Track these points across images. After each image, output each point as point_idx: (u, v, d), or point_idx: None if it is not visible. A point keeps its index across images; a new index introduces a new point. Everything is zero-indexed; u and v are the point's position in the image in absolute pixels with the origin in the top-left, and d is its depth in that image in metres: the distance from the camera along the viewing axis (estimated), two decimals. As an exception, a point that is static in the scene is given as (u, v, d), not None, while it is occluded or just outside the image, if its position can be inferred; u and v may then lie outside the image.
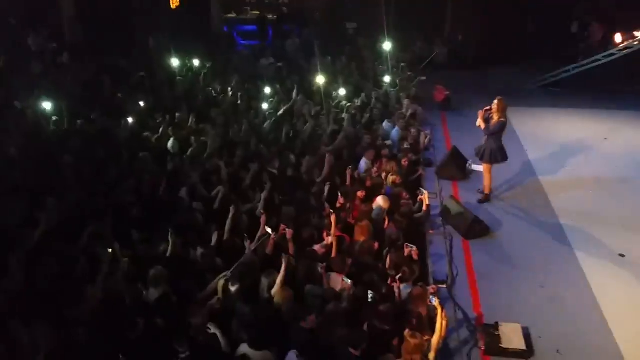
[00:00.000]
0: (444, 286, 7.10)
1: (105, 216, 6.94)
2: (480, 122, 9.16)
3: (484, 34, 17.11)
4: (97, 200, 7.61)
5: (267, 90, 12.36)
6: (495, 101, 9.05)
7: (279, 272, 5.73)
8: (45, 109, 10.85)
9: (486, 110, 9.14)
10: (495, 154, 9.17)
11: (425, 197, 8.40)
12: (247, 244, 6.38)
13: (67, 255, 6.07)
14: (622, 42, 14.62)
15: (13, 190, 7.63)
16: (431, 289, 5.93)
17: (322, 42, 16.26)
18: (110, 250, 6.12)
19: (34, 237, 6.42)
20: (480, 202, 9.47)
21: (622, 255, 8.01)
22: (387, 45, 15.00)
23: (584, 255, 7.99)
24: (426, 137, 11.34)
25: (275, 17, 19.45)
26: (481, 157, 9.32)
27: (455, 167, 10.36)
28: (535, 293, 7.16)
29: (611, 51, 14.85)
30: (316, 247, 6.83)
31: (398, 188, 8.55)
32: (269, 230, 6.53)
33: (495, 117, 9.02)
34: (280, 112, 11.28)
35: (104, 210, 7.16)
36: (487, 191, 9.53)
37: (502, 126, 9.04)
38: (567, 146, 11.90)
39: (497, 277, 7.50)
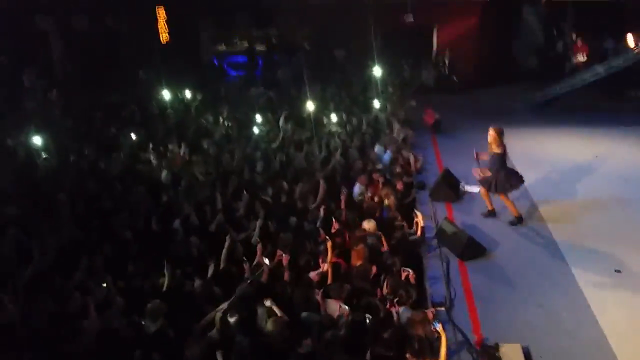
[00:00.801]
0: (443, 308, 7.06)
1: (100, 250, 6.91)
2: (483, 157, 9.13)
3: (470, 57, 17.36)
4: (91, 234, 7.58)
5: (258, 119, 12.46)
6: (490, 131, 9.00)
7: (275, 300, 5.70)
8: (37, 145, 10.87)
9: (477, 154, 9.15)
10: (503, 184, 9.14)
11: (419, 219, 8.41)
12: (245, 266, 6.37)
13: (61, 291, 6.02)
14: (636, 45, 14.62)
15: (6, 226, 7.59)
16: (430, 312, 5.89)
17: (312, 70, 16.45)
18: (104, 284, 6.08)
19: (28, 273, 6.37)
20: (514, 224, 9.35)
21: (618, 271, 8.00)
22: (376, 71, 15.19)
23: (580, 272, 7.98)
24: (417, 161, 11.41)
25: (264, 47, 19.69)
26: (495, 190, 9.30)
27: (448, 189, 10.40)
28: (534, 312, 7.13)
29: (596, 69, 15.10)
30: (312, 274, 6.80)
31: (394, 211, 8.57)
32: (265, 260, 6.52)
33: (493, 149, 9.03)
34: (276, 142, 11.34)
35: (98, 244, 7.13)
36: (515, 214, 9.43)
37: (498, 158, 8.99)
38: (559, 165, 11.99)
39: (495, 297, 7.47)
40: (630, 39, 14.74)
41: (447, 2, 16.66)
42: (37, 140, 10.88)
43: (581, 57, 16.87)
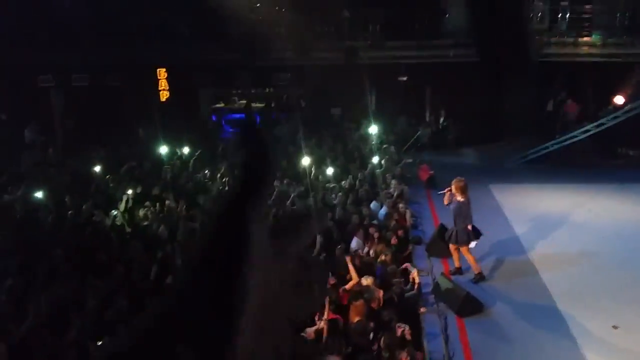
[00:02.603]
0: (441, 366, 6.97)
1: (96, 307, 6.86)
2: (446, 200, 9.35)
3: (463, 115, 17.74)
4: (86, 290, 7.53)
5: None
6: (453, 184, 9.23)
7: None
8: (34, 200, 10.94)
9: (448, 191, 9.32)
10: (462, 236, 9.24)
11: (415, 274, 8.41)
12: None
13: (55, 349, 5.94)
14: (624, 104, 15.02)
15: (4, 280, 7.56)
16: None
17: (309, 127, 16.78)
18: (100, 343, 6.02)
19: (22, 330, 6.30)
20: (476, 282, 9.40)
21: (615, 327, 7.96)
22: (372, 128, 15.49)
23: (577, 329, 7.93)
24: (412, 216, 11.49)
25: (262, 105, 20.12)
26: (448, 239, 9.42)
27: (444, 244, 10.41)
28: (532, 370, 7.05)
29: (586, 127, 15.45)
30: (308, 331, 6.74)
31: (390, 267, 8.57)
32: None
33: (457, 198, 9.18)
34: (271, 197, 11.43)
35: (94, 301, 7.09)
36: (476, 271, 9.49)
37: (460, 207, 9.13)
38: (552, 220, 12.07)
39: (493, 355, 7.40)
40: (619, 99, 15.17)
41: (439, 63, 17.16)
42: (35, 195, 10.96)
43: (572, 116, 17.27)
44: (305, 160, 12.55)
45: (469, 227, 9.23)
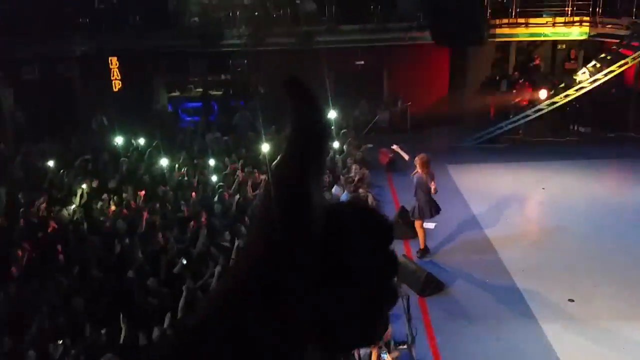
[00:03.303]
0: (405, 347, 7.11)
1: (54, 306, 6.71)
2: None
3: (420, 98, 17.92)
4: (45, 290, 7.36)
5: (213, 163, 12.48)
6: (416, 159, 9.57)
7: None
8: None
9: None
10: (424, 210, 9.50)
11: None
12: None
13: (15, 351, 5.80)
14: (547, 98, 15.62)
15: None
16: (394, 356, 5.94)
17: (267, 114, 16.66)
18: (60, 342, 5.90)
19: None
20: (420, 257, 9.68)
21: (571, 300, 8.27)
22: (330, 113, 15.49)
23: (535, 304, 8.21)
24: (374, 200, 11.60)
25: (219, 92, 19.84)
26: (412, 215, 9.68)
27: (405, 226, 10.57)
28: (493, 346, 7.27)
29: (538, 106, 15.84)
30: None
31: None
32: None
33: (419, 172, 9.45)
34: (233, 187, 11.35)
35: (52, 299, 6.93)
36: (422, 246, 9.77)
37: (421, 180, 9.43)
38: (509, 198, 12.38)
39: (455, 333, 7.59)
40: (542, 94, 15.74)
41: (395, 46, 17.25)
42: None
43: (524, 96, 17.66)
44: (265, 147, 12.49)
45: (430, 201, 9.48)
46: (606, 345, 7.31)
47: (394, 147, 10.70)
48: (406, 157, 10.21)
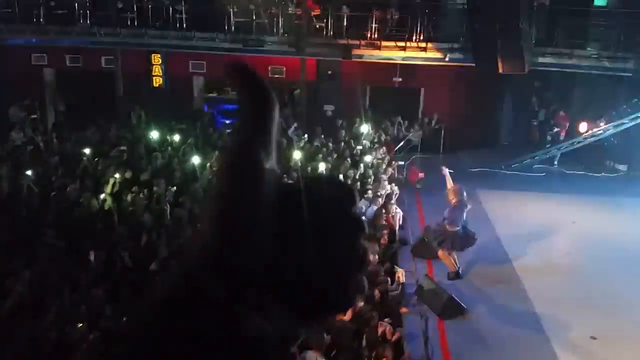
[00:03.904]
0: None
1: (76, 289, 6.83)
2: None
3: (456, 120, 17.83)
4: (69, 272, 7.50)
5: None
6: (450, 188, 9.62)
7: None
8: (22, 179, 10.84)
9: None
10: (461, 241, 9.56)
11: (400, 275, 8.45)
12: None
13: (35, 330, 5.91)
14: (587, 131, 15.37)
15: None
16: None
17: (301, 121, 16.76)
18: (80, 325, 5.99)
19: (4, 309, 6.26)
20: (450, 279, 9.56)
21: (593, 338, 8.07)
22: (363, 128, 15.52)
23: (556, 338, 8.03)
24: (399, 216, 11.55)
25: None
26: (454, 247, 9.61)
27: (429, 245, 10.47)
28: (510, 375, 7.13)
29: (576, 139, 15.60)
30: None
31: (374, 266, 8.61)
32: None
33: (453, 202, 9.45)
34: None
35: (75, 282, 7.05)
36: (453, 269, 9.67)
37: (451, 210, 9.45)
38: (537, 229, 12.16)
39: (472, 358, 7.46)
40: (582, 127, 15.49)
41: (435, 66, 17.20)
42: (23, 175, 10.86)
43: (563, 127, 17.43)
44: (297, 154, 12.55)
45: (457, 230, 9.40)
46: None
47: (444, 170, 10.37)
48: (450, 184, 10.01)
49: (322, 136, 16.17)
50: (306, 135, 15.72)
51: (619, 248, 11.16)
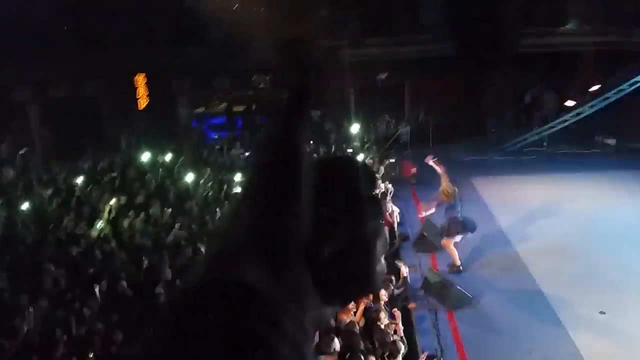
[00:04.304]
0: (434, 360, 7.04)
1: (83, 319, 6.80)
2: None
3: (442, 111, 17.85)
4: (72, 305, 7.46)
5: (238, 179, 12.56)
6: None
7: None
8: (15, 215, 10.79)
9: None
10: (452, 228, 9.57)
11: (403, 271, 8.46)
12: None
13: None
14: (574, 107, 15.42)
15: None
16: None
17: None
18: (91, 355, 5.97)
19: (11, 347, 6.22)
20: (450, 271, 9.60)
21: (602, 313, 8.11)
22: (353, 128, 15.53)
23: (566, 316, 8.06)
24: (396, 214, 11.57)
25: (243, 107, 20.03)
26: (459, 232, 9.61)
27: (431, 239, 10.50)
28: (524, 360, 7.15)
29: (564, 117, 15.68)
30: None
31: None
32: None
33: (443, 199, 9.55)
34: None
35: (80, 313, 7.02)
36: (457, 263, 9.70)
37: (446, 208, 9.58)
38: (535, 210, 12.20)
39: (485, 347, 7.48)
40: (569, 104, 15.60)
41: (417, 59, 17.23)
42: (17, 210, 10.81)
43: (550, 106, 17.49)
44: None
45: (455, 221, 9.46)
46: (637, 357, 7.16)
47: (430, 161, 10.36)
48: (440, 170, 10.01)
49: (311, 142, 16.17)
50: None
51: (616, 223, 11.21)
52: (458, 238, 9.94)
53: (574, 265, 9.69)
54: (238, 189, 11.93)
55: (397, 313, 7.02)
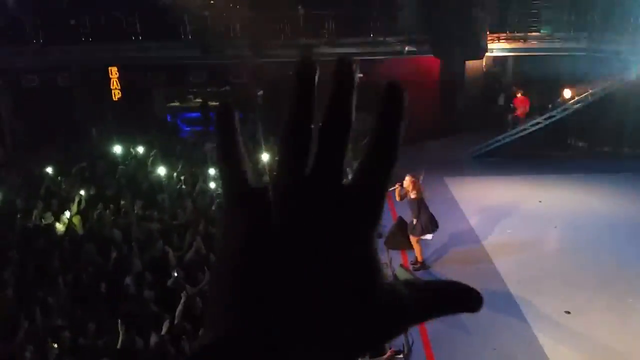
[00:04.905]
0: (401, 356, 7.09)
1: (48, 311, 6.69)
2: (397, 198, 9.77)
3: (416, 110, 17.97)
4: (39, 295, 7.34)
5: (212, 172, 12.50)
6: (407, 178, 9.68)
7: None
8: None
9: (400, 186, 9.61)
10: (427, 226, 9.69)
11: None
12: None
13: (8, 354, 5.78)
14: (572, 97, 15.60)
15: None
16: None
17: (267, 125, 16.71)
18: (55, 345, 5.88)
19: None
20: (416, 269, 9.74)
21: (567, 312, 8.28)
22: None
23: (532, 315, 8.21)
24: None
25: (218, 103, 19.91)
26: (422, 232, 9.75)
27: (402, 237, 10.58)
28: (489, 356, 7.27)
29: (536, 120, 15.95)
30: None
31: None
32: None
33: (410, 195, 9.63)
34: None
35: (47, 304, 6.92)
36: (420, 259, 9.93)
37: (416, 203, 9.63)
38: (505, 211, 12.40)
39: (451, 343, 7.57)
40: (567, 93, 15.76)
41: (390, 60, 17.33)
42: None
43: (522, 109, 17.75)
44: (265, 156, 12.53)
45: (424, 220, 9.58)
46: (600, 357, 7.33)
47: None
48: (397, 198, 9.96)
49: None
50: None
51: (584, 224, 11.46)
52: (429, 236, 10.07)
53: (540, 263, 9.88)
54: (211, 184, 11.87)
55: None
